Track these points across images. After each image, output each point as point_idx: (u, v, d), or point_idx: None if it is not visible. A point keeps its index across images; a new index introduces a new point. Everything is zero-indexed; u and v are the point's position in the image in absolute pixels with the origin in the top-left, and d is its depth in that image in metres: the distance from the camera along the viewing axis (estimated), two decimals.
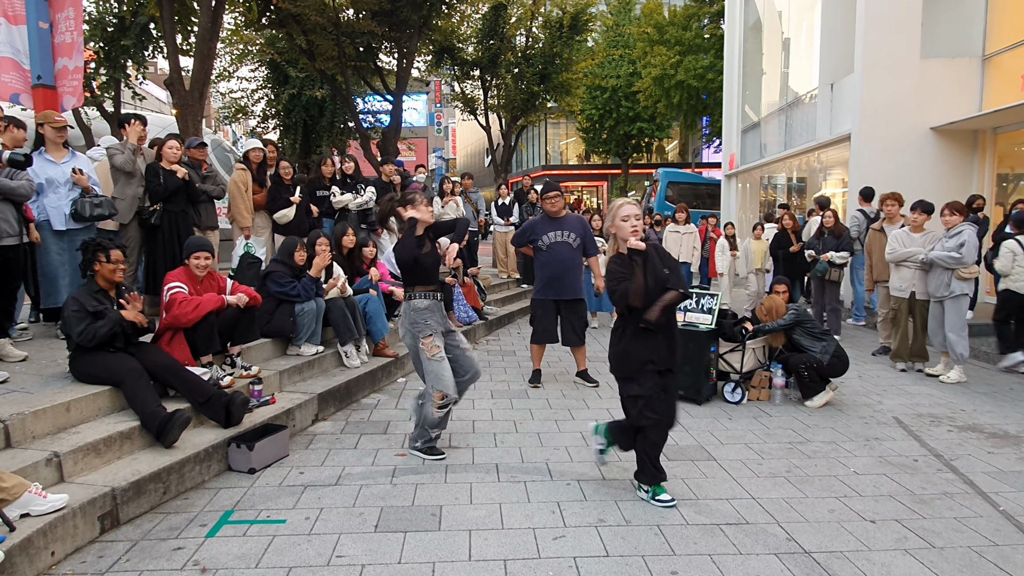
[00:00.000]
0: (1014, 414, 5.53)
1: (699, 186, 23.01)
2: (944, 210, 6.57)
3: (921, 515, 3.65)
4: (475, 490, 3.94)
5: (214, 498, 3.80)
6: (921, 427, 5.20)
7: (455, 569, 3.05)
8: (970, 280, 6.40)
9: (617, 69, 29.75)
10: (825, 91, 12.68)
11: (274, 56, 16.79)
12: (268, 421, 4.56)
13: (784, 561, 3.14)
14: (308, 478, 4.10)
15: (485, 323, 9.11)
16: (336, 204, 7.81)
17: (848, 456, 4.56)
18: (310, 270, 5.84)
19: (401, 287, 7.17)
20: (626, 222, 3.66)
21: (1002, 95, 10.19)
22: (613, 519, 3.56)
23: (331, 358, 6.01)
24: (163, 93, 30.22)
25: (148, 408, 3.92)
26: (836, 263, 8.37)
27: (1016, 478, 4.17)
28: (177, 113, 8.64)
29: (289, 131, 19.52)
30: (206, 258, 4.83)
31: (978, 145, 10.96)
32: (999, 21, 10.55)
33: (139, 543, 3.27)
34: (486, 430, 5.08)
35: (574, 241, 6.11)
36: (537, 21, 17.93)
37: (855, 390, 6.27)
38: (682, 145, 38.47)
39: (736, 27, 18.12)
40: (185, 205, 6.07)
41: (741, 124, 18.40)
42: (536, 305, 6.32)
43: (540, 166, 39.67)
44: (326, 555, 3.17)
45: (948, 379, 6.54)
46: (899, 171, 10.50)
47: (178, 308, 4.52)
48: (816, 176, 14.56)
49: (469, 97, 19.34)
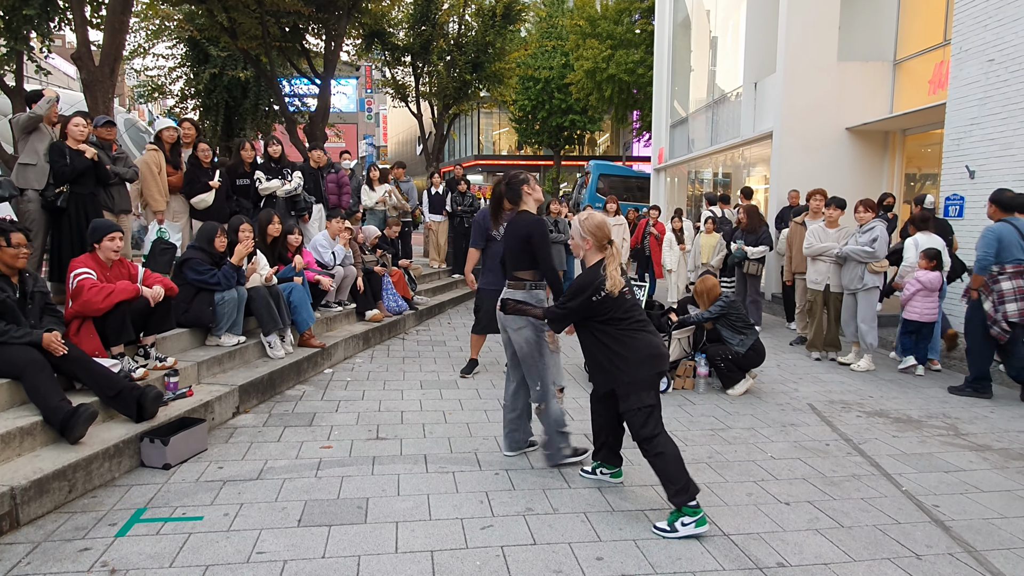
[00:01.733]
0: (917, 400, 5.88)
1: (629, 179, 23.42)
2: (858, 207, 6.91)
3: (832, 496, 3.83)
4: (403, 481, 3.89)
5: (125, 496, 3.61)
6: (833, 413, 5.46)
7: (381, 562, 3.00)
8: (881, 273, 6.75)
9: (550, 61, 29.85)
10: (749, 90, 13.10)
11: (193, 33, 15.99)
12: (185, 414, 4.36)
13: (704, 544, 3.23)
14: (227, 473, 3.95)
15: (415, 313, 9.02)
16: (263, 191, 7.50)
17: (766, 441, 4.74)
18: (231, 257, 5.62)
19: (327, 276, 7.05)
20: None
21: (911, 98, 10.78)
22: (541, 508, 3.58)
23: (254, 349, 5.81)
24: (71, 68, 28.47)
25: (51, 402, 3.69)
26: (751, 257, 8.66)
27: (918, 460, 4.43)
28: (86, 90, 8.12)
29: (210, 112, 18.65)
30: (120, 239, 4.57)
31: (889, 146, 11.57)
32: (909, 27, 11.14)
33: (41, 545, 3.07)
34: (415, 420, 5.02)
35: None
36: (470, 9, 17.76)
37: (773, 378, 6.53)
38: (613, 138, 39.06)
39: (666, 24, 18.48)
40: (94, 187, 5.71)
41: (670, 119, 18.82)
42: (483, 295, 6.24)
43: (473, 156, 39.52)
44: (246, 552, 3.06)
45: (858, 367, 6.89)
46: (817, 169, 10.99)
47: (88, 294, 4.26)
48: (741, 172, 15.05)
49: (400, 84, 19.02)
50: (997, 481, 4.10)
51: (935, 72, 10.21)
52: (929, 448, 4.66)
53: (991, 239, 5.82)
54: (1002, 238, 5.80)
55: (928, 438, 4.88)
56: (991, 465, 4.36)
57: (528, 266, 4.04)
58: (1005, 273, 5.78)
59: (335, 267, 7.41)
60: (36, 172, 5.42)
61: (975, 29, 7.85)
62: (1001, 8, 7.47)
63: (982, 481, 4.09)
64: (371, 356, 7.16)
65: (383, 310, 8.14)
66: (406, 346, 7.75)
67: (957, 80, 8.16)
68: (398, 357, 7.16)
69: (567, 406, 5.49)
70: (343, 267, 7.52)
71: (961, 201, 7.98)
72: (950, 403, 5.80)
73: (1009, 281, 5.76)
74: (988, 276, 5.86)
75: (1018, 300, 5.72)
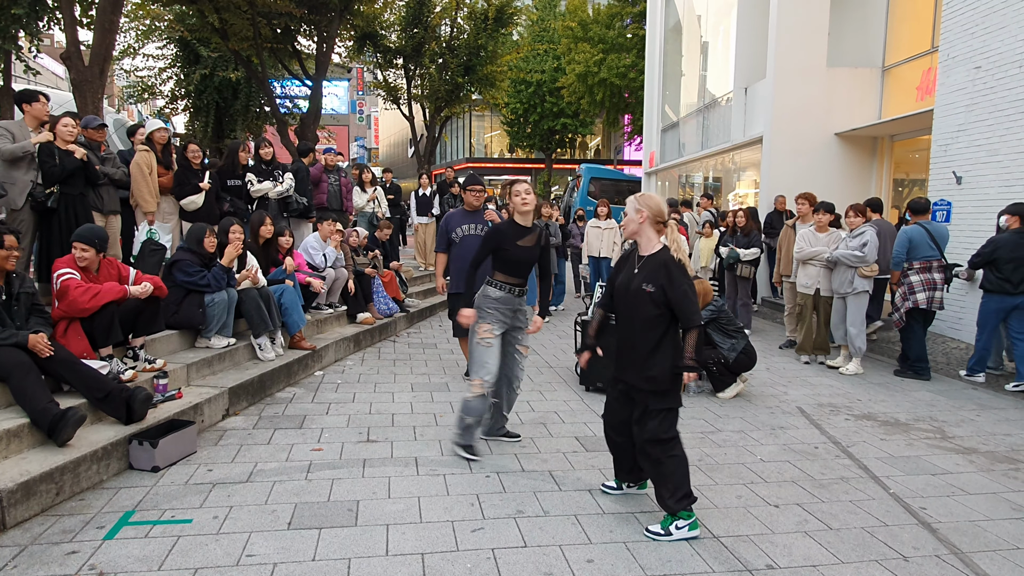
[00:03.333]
0: (904, 403, 5.93)
1: (620, 182, 23.48)
2: (848, 212, 6.97)
3: (820, 499, 3.85)
4: (394, 484, 3.88)
5: (113, 498, 3.58)
6: (822, 416, 5.49)
7: (371, 564, 3.00)
8: (871, 278, 6.81)
9: (542, 64, 29.95)
10: (739, 95, 13.17)
11: (184, 33, 15.94)
12: (174, 417, 4.33)
13: (694, 546, 3.25)
14: (217, 475, 3.93)
15: (406, 315, 9.00)
16: (255, 193, 7.47)
17: (755, 444, 4.76)
18: (221, 259, 5.60)
19: (319, 278, 7.04)
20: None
21: (899, 104, 10.87)
22: (532, 510, 3.59)
23: (244, 351, 5.78)
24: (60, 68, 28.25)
25: (38, 405, 3.65)
26: (744, 260, 8.70)
27: (905, 463, 4.47)
28: (75, 90, 8.07)
29: (200, 113, 18.57)
30: (83, 250, 4.42)
31: (877, 151, 11.66)
32: (897, 34, 11.25)
33: (28, 548, 3.05)
34: (406, 423, 5.02)
35: (483, 233, 6.04)
36: (462, 12, 17.80)
37: (763, 381, 6.56)
38: (604, 142, 39.17)
39: (657, 28, 18.56)
40: (84, 188, 5.67)
41: (661, 123, 18.90)
42: (452, 299, 6.22)
43: (464, 158, 39.53)
44: (235, 555, 3.05)
45: (847, 371, 6.94)
46: (806, 174, 11.05)
47: (74, 295, 4.23)
48: (731, 176, 15.13)
49: (392, 86, 19.03)
50: (983, 484, 4.14)
51: (923, 79, 10.31)
52: (916, 451, 4.70)
53: (903, 240, 6.86)
54: (912, 239, 6.80)
55: (915, 441, 4.92)
56: (977, 468, 4.40)
57: (495, 268, 4.36)
58: (913, 268, 6.76)
59: (326, 269, 7.39)
60: (14, 192, 5.37)
61: (962, 37, 7.94)
62: (988, 16, 7.55)
63: (968, 484, 4.13)
64: (362, 358, 7.15)
65: (374, 312, 8.13)
66: (397, 348, 7.74)
67: (944, 87, 8.25)
68: (389, 359, 7.15)
69: (557, 407, 5.50)
70: (334, 269, 7.50)
71: (948, 206, 8.06)
72: (937, 407, 5.85)
73: (917, 275, 6.73)
74: (901, 271, 6.87)
75: (926, 291, 6.68)
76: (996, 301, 6.32)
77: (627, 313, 3.45)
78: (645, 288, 3.32)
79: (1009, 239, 6.24)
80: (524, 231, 4.32)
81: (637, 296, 3.36)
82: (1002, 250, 6.22)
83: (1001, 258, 6.22)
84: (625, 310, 3.47)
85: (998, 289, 6.27)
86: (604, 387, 5.89)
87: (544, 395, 5.91)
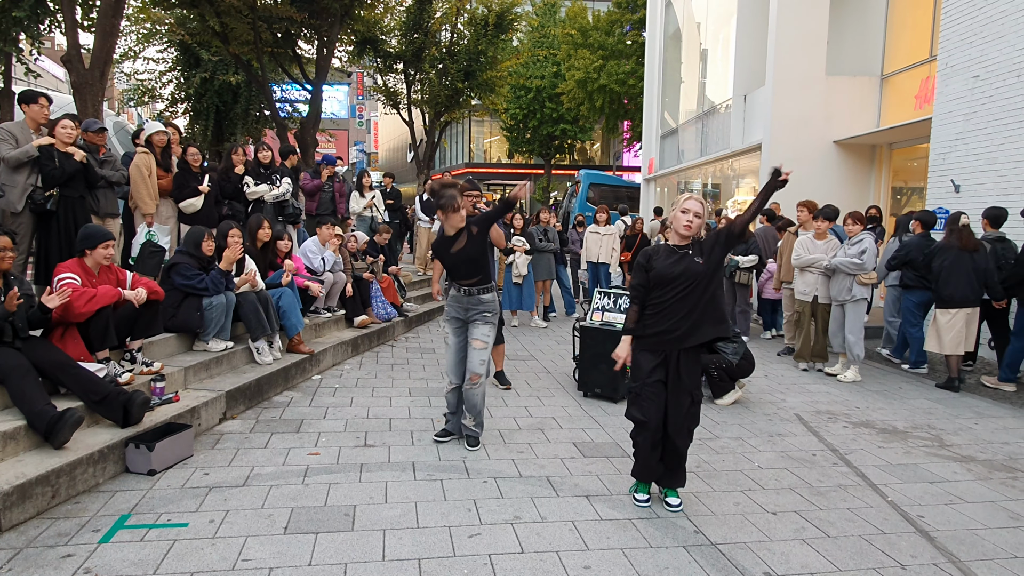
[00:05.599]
0: (902, 411, 5.93)
1: (619, 188, 23.52)
2: (847, 219, 6.98)
3: (818, 506, 3.85)
4: (390, 489, 3.87)
5: (109, 501, 3.57)
6: (820, 423, 5.49)
7: (368, 569, 2.99)
8: (869, 285, 6.82)
9: (541, 70, 30.01)
10: (739, 102, 13.22)
11: (185, 37, 15.96)
12: (171, 420, 4.32)
13: (692, 553, 3.24)
14: (213, 479, 3.92)
15: (405, 320, 9.00)
16: (251, 195, 7.47)
17: (753, 451, 4.76)
18: (220, 262, 5.59)
19: (317, 282, 7.03)
20: (685, 214, 3.62)
21: (898, 113, 10.91)
22: (529, 516, 3.58)
23: (241, 354, 5.77)
24: (60, 70, 28.27)
25: (36, 407, 3.64)
26: (742, 267, 8.71)
27: (903, 470, 4.46)
28: (75, 92, 8.08)
29: (200, 117, 18.59)
30: (113, 246, 4.55)
31: (876, 159, 11.70)
32: (896, 43, 11.29)
33: (23, 551, 3.03)
34: (403, 428, 5.01)
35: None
36: (462, 17, 17.85)
37: (761, 388, 6.56)
38: (603, 148, 39.23)
39: (657, 36, 18.64)
40: (83, 190, 5.67)
41: (660, 130, 18.95)
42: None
43: (463, 163, 39.54)
44: (231, 559, 3.04)
45: (845, 378, 6.94)
46: (805, 181, 11.04)
47: (71, 298, 4.22)
48: (730, 183, 15.16)
49: (392, 91, 19.06)
50: (981, 492, 4.14)
51: (921, 87, 10.35)
52: (914, 459, 4.70)
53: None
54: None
55: (913, 449, 4.91)
56: (975, 476, 4.40)
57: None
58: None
59: (324, 273, 7.39)
60: (15, 193, 5.36)
61: (960, 46, 7.97)
62: (986, 26, 7.59)
63: (966, 492, 4.13)
64: (360, 363, 7.14)
65: (372, 317, 8.12)
66: (395, 353, 7.73)
67: (943, 96, 8.28)
68: (387, 364, 7.14)
69: (555, 412, 5.50)
70: (332, 273, 7.50)
71: (946, 214, 8.06)
72: (935, 414, 5.85)
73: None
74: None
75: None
76: (917, 295, 7.22)
77: (683, 292, 3.59)
78: (697, 261, 3.59)
79: (917, 242, 7.13)
80: (453, 239, 4.51)
81: (690, 268, 3.59)
82: (913, 252, 7.09)
83: (915, 259, 7.08)
84: (682, 289, 3.59)
85: (919, 285, 7.13)
86: (602, 393, 5.88)
87: (542, 400, 5.91)
